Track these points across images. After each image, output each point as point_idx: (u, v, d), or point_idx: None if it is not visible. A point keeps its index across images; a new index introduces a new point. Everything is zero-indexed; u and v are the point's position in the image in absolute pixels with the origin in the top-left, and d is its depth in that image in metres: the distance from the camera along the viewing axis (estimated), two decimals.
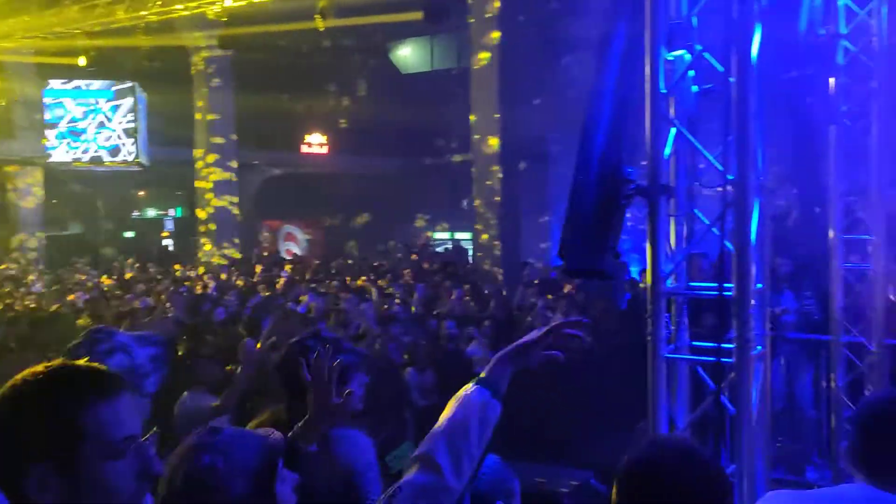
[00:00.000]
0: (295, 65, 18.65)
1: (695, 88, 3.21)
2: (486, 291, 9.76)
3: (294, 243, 22.10)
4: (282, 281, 11.59)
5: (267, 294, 9.98)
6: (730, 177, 3.00)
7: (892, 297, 5.90)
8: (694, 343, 3.36)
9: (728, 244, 3.07)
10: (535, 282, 9.43)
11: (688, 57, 3.16)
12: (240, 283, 12.12)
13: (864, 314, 5.78)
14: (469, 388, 1.77)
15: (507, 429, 1.86)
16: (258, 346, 3.73)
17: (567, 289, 8.23)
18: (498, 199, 14.75)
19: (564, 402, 5.65)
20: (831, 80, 5.67)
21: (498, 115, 14.70)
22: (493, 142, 14.87)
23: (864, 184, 5.81)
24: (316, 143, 21.45)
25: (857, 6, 5.63)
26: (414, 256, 14.96)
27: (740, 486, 2.97)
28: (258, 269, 13.93)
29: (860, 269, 5.80)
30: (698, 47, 3.14)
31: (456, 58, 20.12)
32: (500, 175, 14.67)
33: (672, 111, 3.21)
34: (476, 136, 15.26)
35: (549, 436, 5.55)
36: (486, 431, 1.73)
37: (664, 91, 3.11)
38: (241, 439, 1.58)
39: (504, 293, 9.86)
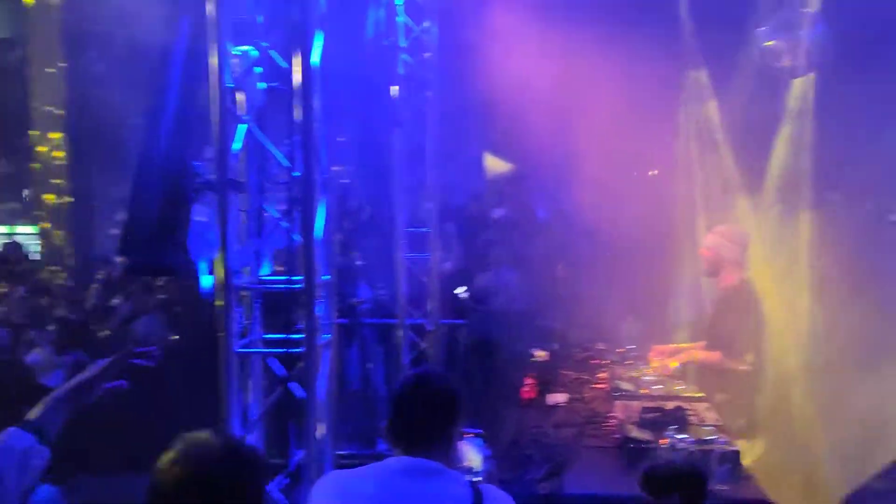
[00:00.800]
0: None
1: (262, 85, 3.26)
2: (52, 291, 8.79)
3: None
4: None
5: None
6: (296, 173, 3.10)
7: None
8: (266, 336, 3.44)
9: (296, 237, 3.18)
10: (110, 280, 8.73)
11: (254, 53, 3.20)
12: None
13: (424, 299, 6.53)
14: (9, 431, 1.64)
15: (81, 448, 1.76)
16: None
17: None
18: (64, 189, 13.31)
19: (143, 408, 5.34)
20: (393, 88, 6.26)
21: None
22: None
23: (422, 182, 6.54)
24: None
25: (414, 23, 6.30)
26: None
27: (309, 467, 3.11)
28: None
29: (421, 258, 6.52)
30: (264, 44, 3.20)
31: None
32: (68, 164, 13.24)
33: (240, 106, 3.22)
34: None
35: (129, 446, 5.22)
36: (28, 478, 1.61)
37: (231, 85, 3.11)
38: None
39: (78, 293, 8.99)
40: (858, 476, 3.33)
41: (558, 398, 4.70)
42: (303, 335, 3.19)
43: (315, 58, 3.09)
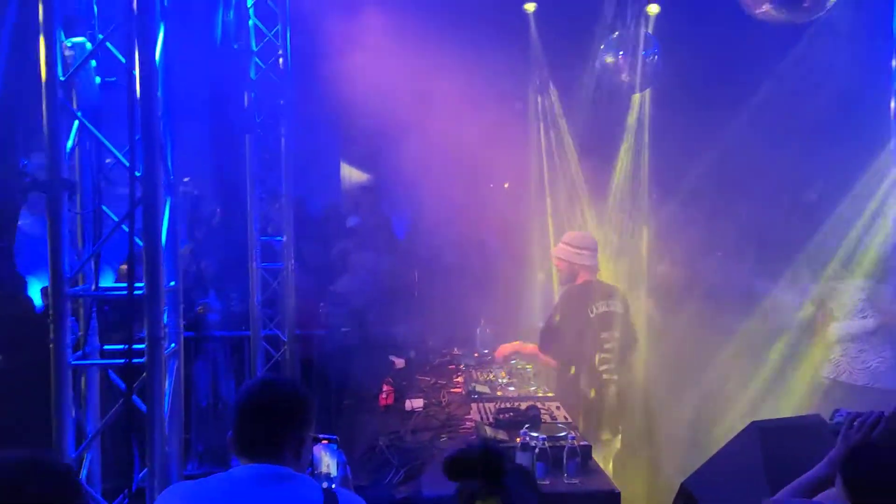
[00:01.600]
0: None
1: (98, 79, 3.07)
2: None
3: None
4: None
5: None
6: (137, 173, 2.94)
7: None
8: (106, 347, 3.23)
9: (139, 242, 3.01)
10: None
11: (89, 45, 3.01)
12: None
13: (278, 309, 6.37)
14: None
15: None
16: None
17: None
18: None
19: None
20: (246, 94, 6.09)
21: None
22: None
23: (276, 190, 6.40)
24: None
25: (266, 27, 6.17)
26: None
27: (152, 485, 2.94)
28: None
29: (274, 267, 6.36)
30: (100, 36, 3.02)
31: None
32: None
33: (74, 102, 3.01)
34: None
35: None
36: None
37: (63, 79, 2.90)
38: None
39: None
40: (694, 463, 3.54)
41: (415, 403, 4.72)
42: (145, 345, 3.01)
43: (157, 51, 2.94)
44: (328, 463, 2.60)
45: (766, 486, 3.03)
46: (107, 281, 3.51)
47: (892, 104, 5.95)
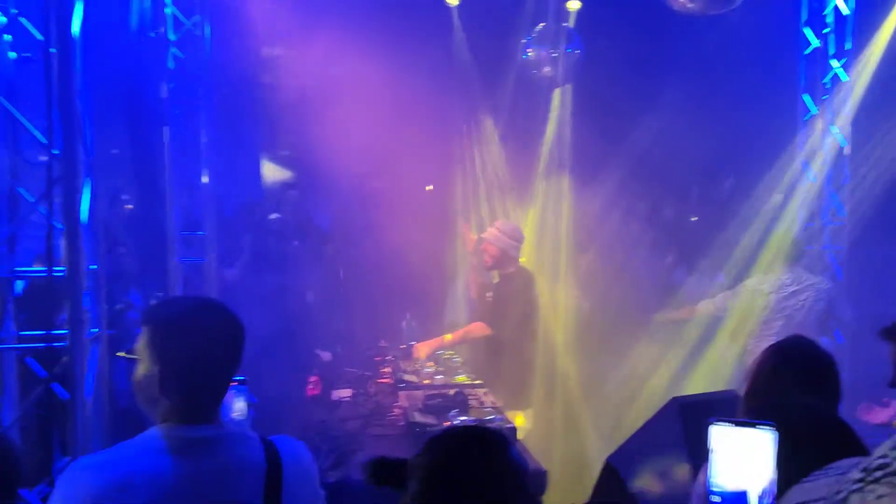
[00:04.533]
0: None
1: (13, 55, 2.96)
2: None
3: None
4: None
5: None
6: (55, 151, 2.84)
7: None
8: (24, 332, 3.10)
9: (57, 223, 2.91)
10: None
11: (3, 19, 2.89)
12: None
13: None
14: None
15: None
16: None
17: None
18: None
19: None
20: (164, 84, 5.94)
21: None
22: None
23: (196, 183, 6.25)
24: None
25: (184, 16, 6.03)
26: None
27: None
28: None
29: (196, 262, 6.22)
30: (14, 10, 2.91)
31: None
32: None
33: None
34: None
35: None
36: None
37: None
38: None
39: None
40: (618, 440, 3.65)
41: (343, 394, 4.70)
42: (66, 330, 2.91)
43: (75, 27, 2.85)
44: (238, 406, 2.29)
45: (687, 458, 3.15)
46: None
47: (801, 99, 6.26)
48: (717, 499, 1.19)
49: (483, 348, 5.15)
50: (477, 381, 4.80)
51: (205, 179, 6.23)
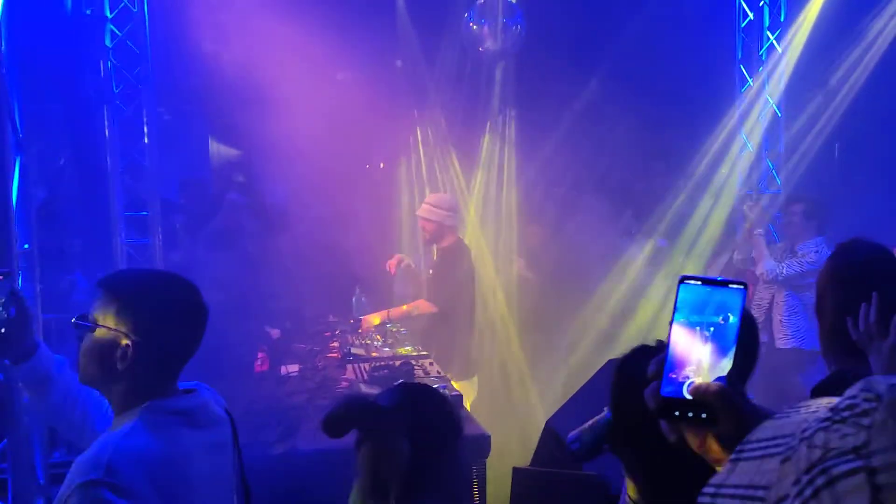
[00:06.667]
0: None
1: None
2: None
3: None
4: None
5: None
6: None
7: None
8: None
9: None
10: None
11: None
12: None
13: None
14: None
15: None
16: None
17: None
18: None
19: None
20: (101, 62, 5.83)
21: None
22: None
23: (140, 163, 6.17)
24: None
25: None
26: None
27: (16, 459, 2.83)
28: None
29: (141, 243, 6.16)
30: None
31: None
32: None
33: None
34: None
35: None
36: None
37: None
38: None
39: None
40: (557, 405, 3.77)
41: (291, 369, 4.73)
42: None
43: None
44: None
45: None
46: None
47: (738, 70, 6.40)
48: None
49: (427, 320, 5.22)
50: (423, 353, 4.88)
51: (147, 159, 6.15)
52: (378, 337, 5.30)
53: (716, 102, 6.46)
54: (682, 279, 0.93)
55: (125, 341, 1.64)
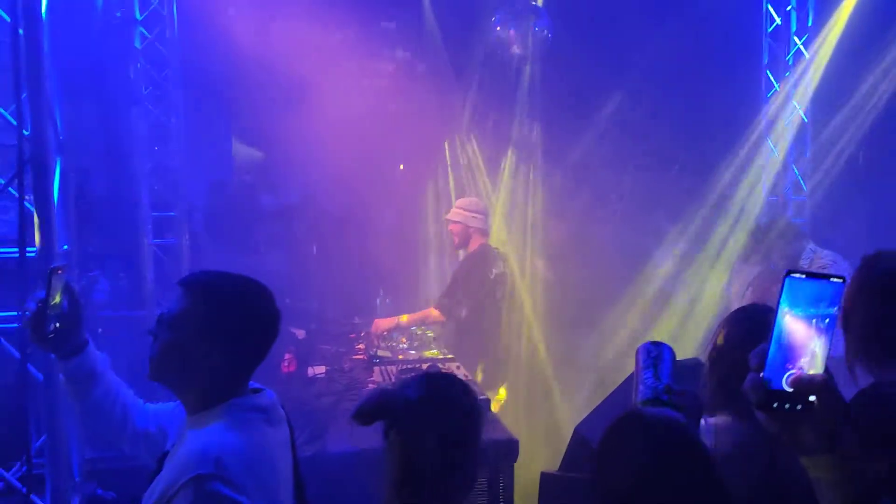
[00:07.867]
0: None
1: None
2: None
3: None
4: None
5: None
6: (25, 132, 2.85)
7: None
8: None
9: (28, 205, 2.92)
10: None
11: None
12: None
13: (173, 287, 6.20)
14: None
15: None
16: None
17: None
18: None
19: None
20: (131, 64, 5.90)
21: None
22: None
23: (167, 164, 6.23)
24: None
25: None
26: None
27: (52, 456, 2.87)
28: None
29: (168, 244, 6.22)
30: None
31: None
32: None
33: None
34: None
35: None
36: None
37: None
38: None
39: None
40: (587, 410, 3.76)
41: (317, 370, 4.75)
42: None
43: (43, 7, 2.85)
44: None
45: None
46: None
47: (765, 76, 6.37)
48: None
49: (450, 327, 5.23)
50: (449, 356, 4.89)
51: (175, 160, 6.21)
52: (404, 339, 5.32)
53: (742, 108, 6.43)
54: (788, 272, 0.93)
55: (208, 343, 1.69)
